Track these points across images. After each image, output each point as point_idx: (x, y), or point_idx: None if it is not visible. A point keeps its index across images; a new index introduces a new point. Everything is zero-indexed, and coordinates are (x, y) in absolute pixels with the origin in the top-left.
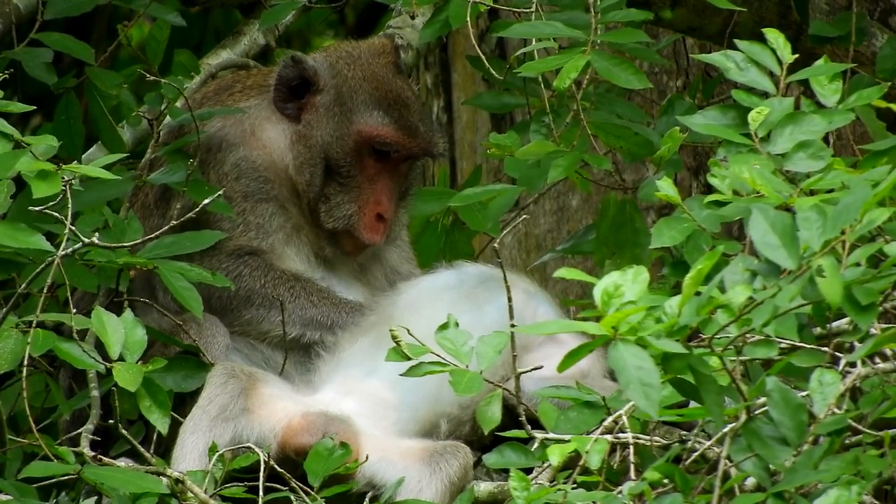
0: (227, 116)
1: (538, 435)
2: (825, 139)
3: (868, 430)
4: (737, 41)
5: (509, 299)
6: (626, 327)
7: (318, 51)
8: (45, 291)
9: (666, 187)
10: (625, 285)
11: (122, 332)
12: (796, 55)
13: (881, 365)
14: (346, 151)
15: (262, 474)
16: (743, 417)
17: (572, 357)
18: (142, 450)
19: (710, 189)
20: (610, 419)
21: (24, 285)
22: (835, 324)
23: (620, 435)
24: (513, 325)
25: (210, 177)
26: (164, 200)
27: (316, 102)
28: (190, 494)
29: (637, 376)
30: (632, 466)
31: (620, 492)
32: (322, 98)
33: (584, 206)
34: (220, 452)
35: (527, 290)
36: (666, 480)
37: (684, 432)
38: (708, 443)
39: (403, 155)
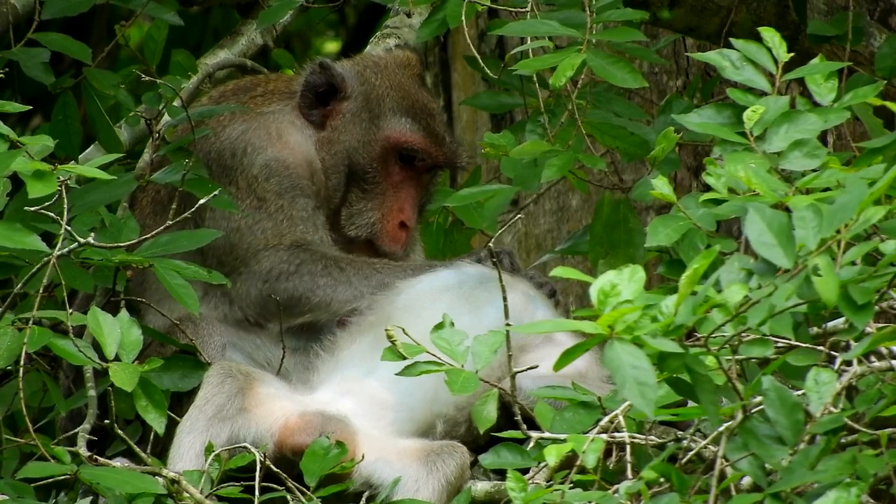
0: (249, 121)
1: (534, 435)
2: (823, 138)
3: (864, 429)
4: (733, 40)
5: (504, 298)
6: (622, 326)
7: (342, 60)
8: (41, 291)
9: (661, 186)
10: (621, 284)
11: (118, 331)
12: (792, 54)
13: (877, 363)
14: (372, 157)
15: (258, 474)
16: (739, 416)
17: (568, 356)
18: (138, 450)
19: (709, 189)
20: (606, 419)
21: (20, 285)
22: (831, 323)
23: (616, 434)
24: (508, 325)
25: (239, 183)
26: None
27: (343, 109)
28: (186, 494)
29: (633, 375)
30: (628, 466)
31: (617, 491)
32: (349, 105)
33: (583, 205)
34: (217, 452)
35: (526, 293)
36: (662, 480)
37: (680, 432)
38: (704, 442)
39: (428, 164)
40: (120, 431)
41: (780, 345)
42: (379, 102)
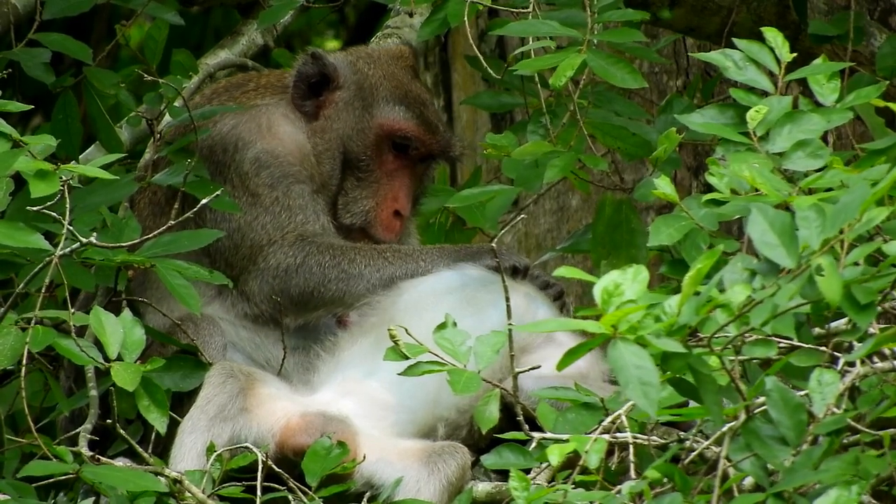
0: (239, 115)
1: (536, 435)
2: (825, 139)
3: (867, 430)
4: (735, 40)
5: (507, 299)
6: (626, 326)
7: (336, 52)
8: (42, 291)
9: (663, 186)
10: (624, 284)
11: (120, 331)
12: (794, 54)
13: (880, 364)
14: (366, 144)
15: (259, 474)
16: (742, 417)
17: (571, 356)
18: (140, 449)
19: (709, 189)
20: (608, 419)
21: (22, 284)
22: (833, 324)
23: (619, 435)
24: (511, 325)
25: (234, 181)
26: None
27: (335, 98)
28: (188, 494)
29: (636, 375)
30: (631, 466)
31: (619, 491)
32: (342, 94)
33: (583, 205)
34: (219, 452)
35: (528, 294)
36: (665, 480)
37: (683, 432)
38: (706, 442)
39: (422, 152)
40: (122, 431)
41: (783, 345)
42: (372, 91)
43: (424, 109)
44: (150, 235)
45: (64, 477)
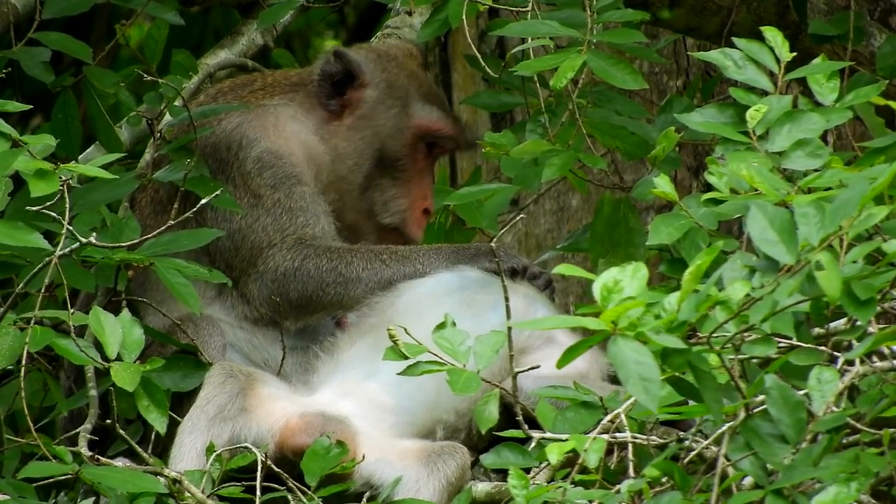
0: (245, 114)
1: (536, 434)
2: (825, 138)
3: (866, 429)
4: (735, 39)
5: (506, 299)
6: (626, 322)
7: (353, 48)
8: (42, 291)
9: (663, 184)
10: (624, 281)
11: (119, 331)
12: (794, 54)
13: (879, 364)
14: (403, 144)
15: (259, 474)
16: (741, 415)
17: (571, 353)
18: (139, 449)
19: (709, 189)
20: (607, 418)
21: (21, 284)
22: (833, 324)
23: (618, 434)
24: (510, 324)
25: (236, 180)
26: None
27: (363, 96)
28: (187, 494)
29: (637, 371)
30: (630, 465)
31: (619, 490)
32: (370, 92)
33: (583, 205)
34: (218, 452)
35: (527, 295)
36: (664, 479)
37: (682, 432)
38: (706, 441)
39: (446, 149)
40: (121, 431)
41: (782, 345)
42: (405, 90)
43: (448, 106)
44: (149, 235)
45: (63, 477)
